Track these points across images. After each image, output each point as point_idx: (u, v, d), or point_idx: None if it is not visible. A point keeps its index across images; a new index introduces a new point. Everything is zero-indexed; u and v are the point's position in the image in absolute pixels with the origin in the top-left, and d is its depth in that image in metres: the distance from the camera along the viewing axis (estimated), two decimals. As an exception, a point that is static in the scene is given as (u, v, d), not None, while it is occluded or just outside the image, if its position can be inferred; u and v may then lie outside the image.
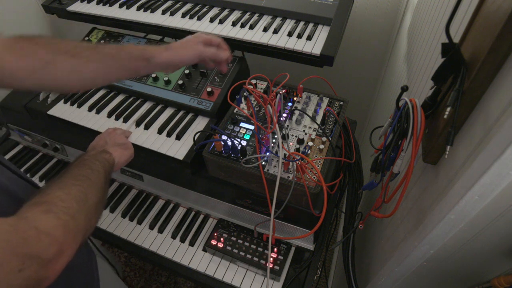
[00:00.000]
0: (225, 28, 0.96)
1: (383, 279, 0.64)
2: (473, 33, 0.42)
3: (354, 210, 0.89)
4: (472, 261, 0.50)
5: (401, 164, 0.53)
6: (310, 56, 0.88)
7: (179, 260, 0.91)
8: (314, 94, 0.89)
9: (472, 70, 0.39)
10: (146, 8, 1.06)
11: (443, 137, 0.44)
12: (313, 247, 0.88)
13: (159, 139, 0.87)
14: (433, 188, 0.49)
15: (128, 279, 1.70)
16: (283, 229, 0.87)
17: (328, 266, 1.67)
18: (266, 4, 1.02)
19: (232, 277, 0.87)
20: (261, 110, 0.85)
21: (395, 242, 0.63)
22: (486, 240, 0.44)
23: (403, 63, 0.99)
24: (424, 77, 0.69)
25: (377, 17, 1.27)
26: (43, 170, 1.11)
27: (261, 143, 0.74)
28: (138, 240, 0.95)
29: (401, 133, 0.51)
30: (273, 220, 0.70)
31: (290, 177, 0.71)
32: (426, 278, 0.58)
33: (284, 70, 0.87)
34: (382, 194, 0.60)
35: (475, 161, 0.36)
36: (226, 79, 0.93)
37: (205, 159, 0.78)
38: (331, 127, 0.81)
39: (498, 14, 0.34)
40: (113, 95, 1.00)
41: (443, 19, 0.64)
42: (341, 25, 0.92)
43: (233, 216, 0.95)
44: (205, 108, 0.89)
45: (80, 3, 1.14)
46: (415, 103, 0.48)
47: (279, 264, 0.85)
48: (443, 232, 0.44)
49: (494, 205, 0.37)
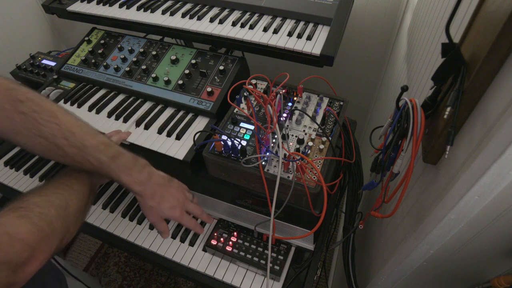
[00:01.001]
0: (225, 28, 0.96)
1: (383, 279, 0.64)
2: (473, 33, 0.42)
3: (354, 210, 0.89)
4: (472, 261, 0.50)
5: (401, 164, 0.53)
6: (310, 56, 0.88)
7: (179, 260, 0.91)
8: (314, 94, 0.89)
9: (472, 70, 0.39)
10: (146, 8, 1.06)
11: (443, 137, 0.44)
12: (313, 247, 0.88)
13: (159, 139, 0.87)
14: (433, 188, 0.49)
15: (128, 279, 1.70)
16: (283, 229, 0.87)
17: (328, 266, 1.67)
18: (266, 4, 1.02)
19: (232, 277, 0.87)
20: (261, 110, 0.85)
21: (395, 242, 0.63)
22: (486, 240, 0.44)
23: (403, 63, 0.99)
24: (424, 77, 0.69)
25: (377, 17, 1.27)
26: (43, 170, 1.11)
27: (261, 143, 0.74)
28: (138, 240, 0.95)
29: (401, 133, 0.51)
30: (273, 220, 0.70)
31: (290, 177, 0.71)
32: (426, 278, 0.58)
33: (284, 70, 0.87)
34: (382, 194, 0.60)
35: (475, 161, 0.36)
36: (226, 79, 0.93)
37: (205, 159, 0.78)
38: (331, 127, 0.81)
39: (498, 14, 0.34)
40: (113, 95, 1.00)
41: (443, 19, 0.64)
42: (341, 25, 0.92)
43: (233, 216, 0.95)
44: (205, 108, 0.89)
45: (80, 3, 1.13)
46: (415, 103, 0.48)
47: (279, 264, 0.85)
48: (443, 232, 0.44)
49: (494, 205, 0.37)
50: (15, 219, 0.45)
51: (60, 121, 0.56)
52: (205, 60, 0.98)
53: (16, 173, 1.09)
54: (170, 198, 0.67)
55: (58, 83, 1.07)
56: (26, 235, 0.44)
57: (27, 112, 0.54)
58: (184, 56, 1.01)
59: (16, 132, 0.55)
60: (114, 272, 1.73)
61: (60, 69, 1.07)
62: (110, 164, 0.59)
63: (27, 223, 0.45)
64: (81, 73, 1.04)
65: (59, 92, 1.03)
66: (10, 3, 1.48)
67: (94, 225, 0.98)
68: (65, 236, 0.52)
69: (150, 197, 0.64)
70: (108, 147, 0.59)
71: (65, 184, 0.57)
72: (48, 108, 0.56)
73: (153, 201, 0.64)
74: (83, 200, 0.58)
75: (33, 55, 1.30)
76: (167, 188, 0.67)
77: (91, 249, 1.83)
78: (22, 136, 0.55)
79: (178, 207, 0.67)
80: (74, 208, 0.54)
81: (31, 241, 0.44)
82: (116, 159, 0.60)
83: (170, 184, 0.69)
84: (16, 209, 0.47)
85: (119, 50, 1.06)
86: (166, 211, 0.66)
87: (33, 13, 1.60)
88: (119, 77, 1.00)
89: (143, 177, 0.63)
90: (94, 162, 0.58)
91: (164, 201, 0.66)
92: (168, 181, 0.69)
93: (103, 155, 0.58)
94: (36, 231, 0.45)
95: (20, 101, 0.55)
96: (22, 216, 0.46)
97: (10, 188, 1.06)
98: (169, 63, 1.00)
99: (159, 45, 1.05)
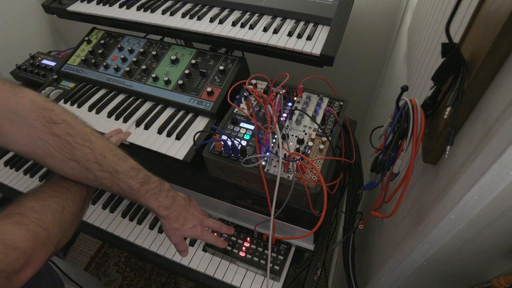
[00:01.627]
0: (225, 28, 0.96)
1: (383, 279, 0.64)
2: (473, 33, 0.42)
3: (354, 210, 0.89)
4: (472, 261, 0.50)
5: (401, 164, 0.53)
6: (310, 56, 0.88)
7: (179, 260, 0.91)
8: (314, 94, 0.89)
9: (472, 70, 0.39)
10: (146, 8, 1.06)
11: (443, 137, 0.44)
12: (313, 247, 0.88)
13: (159, 139, 0.87)
14: (433, 188, 0.49)
15: (128, 279, 1.70)
16: (283, 229, 0.87)
17: (328, 266, 1.67)
18: (266, 4, 1.02)
19: (232, 277, 0.87)
20: (261, 110, 0.85)
21: (395, 242, 0.62)
22: (486, 240, 0.44)
23: (403, 63, 0.99)
24: (424, 77, 0.69)
25: (377, 17, 1.27)
26: (43, 170, 1.11)
27: (261, 143, 0.74)
28: (138, 240, 0.95)
29: (401, 133, 0.51)
30: (273, 220, 0.70)
31: (290, 177, 0.71)
32: (426, 278, 0.58)
33: (284, 70, 0.87)
34: (382, 194, 0.60)
35: (475, 161, 0.36)
36: (226, 79, 0.93)
37: (205, 159, 0.78)
38: (331, 127, 0.81)
39: (498, 14, 0.34)
40: (113, 95, 1.00)
41: (443, 19, 0.64)
42: (341, 25, 0.92)
43: (233, 216, 0.95)
44: (205, 108, 0.89)
45: (80, 3, 1.13)
46: (415, 103, 0.48)
47: (279, 264, 0.85)
48: (443, 232, 0.44)
49: (494, 205, 0.37)
50: (11, 226, 0.44)
51: (93, 145, 0.56)
52: (205, 60, 0.98)
53: (16, 173, 1.09)
54: (191, 218, 0.68)
55: (58, 83, 1.07)
56: (22, 243, 0.44)
57: (61, 135, 0.53)
58: (184, 56, 1.01)
59: (47, 155, 0.53)
60: (114, 272, 1.73)
61: (60, 69, 1.07)
62: (139, 190, 0.59)
63: (23, 230, 0.45)
64: (81, 73, 1.04)
65: (59, 92, 1.03)
66: (10, 3, 1.48)
67: (94, 225, 0.98)
68: (60, 241, 0.51)
69: (175, 220, 0.65)
70: (137, 172, 0.60)
71: (63, 187, 0.56)
72: (82, 131, 0.56)
73: (177, 223, 0.65)
74: (80, 203, 0.58)
75: (33, 55, 1.30)
76: (189, 209, 0.69)
77: (91, 249, 1.83)
78: (54, 159, 0.54)
79: (198, 225, 0.69)
80: (70, 213, 0.54)
81: (27, 248, 0.44)
82: (145, 184, 0.60)
83: (190, 204, 0.70)
84: (12, 215, 0.46)
85: (119, 50, 1.06)
86: (188, 231, 0.68)
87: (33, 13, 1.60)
88: (119, 77, 1.00)
89: (169, 201, 0.64)
90: (123, 187, 0.58)
91: (186, 222, 0.67)
92: (188, 202, 0.70)
93: (133, 181, 0.58)
94: (32, 238, 0.45)
95: (55, 123, 0.53)
96: (18, 223, 0.45)
97: (10, 188, 1.06)
98: (169, 63, 1.00)
99: (159, 45, 1.05)
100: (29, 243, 0.44)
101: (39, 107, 0.53)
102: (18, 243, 0.43)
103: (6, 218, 0.45)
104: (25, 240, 0.44)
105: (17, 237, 0.44)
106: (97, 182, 0.57)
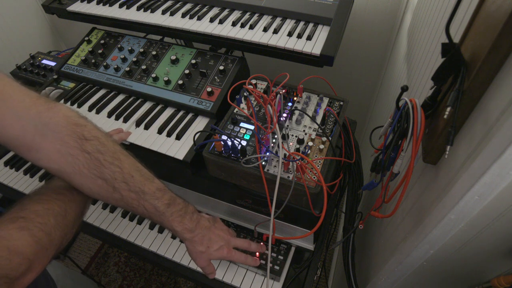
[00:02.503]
0: (225, 28, 0.96)
1: (383, 279, 0.64)
2: (473, 33, 0.42)
3: (354, 210, 0.89)
4: (472, 261, 0.50)
5: (401, 164, 0.53)
6: (310, 56, 0.88)
7: (179, 260, 0.91)
8: (314, 94, 0.89)
9: (472, 70, 0.39)
10: (146, 8, 1.06)
11: (443, 137, 0.44)
12: (313, 247, 0.88)
13: (159, 139, 0.87)
14: (433, 188, 0.49)
15: (128, 279, 1.70)
16: (283, 229, 0.87)
17: (328, 266, 1.67)
18: (266, 4, 1.02)
19: (232, 277, 0.87)
20: (261, 110, 0.85)
21: (395, 242, 0.62)
22: (486, 240, 0.44)
23: (403, 63, 0.99)
24: (424, 77, 0.69)
25: (377, 17, 1.27)
26: (43, 170, 1.11)
27: (261, 143, 0.74)
28: (138, 240, 0.95)
29: (401, 133, 0.51)
30: (273, 220, 0.70)
31: (290, 177, 0.71)
32: (426, 278, 0.58)
33: (284, 70, 0.87)
34: (382, 194, 0.60)
35: (475, 161, 0.36)
36: (226, 79, 0.93)
37: (205, 159, 0.78)
38: (331, 127, 0.81)
39: (498, 14, 0.34)
40: (113, 95, 1.00)
41: (443, 19, 0.64)
42: (341, 25, 0.92)
43: (233, 216, 0.95)
44: (205, 108, 0.89)
45: (80, 3, 1.13)
46: (415, 103, 0.48)
47: (279, 264, 0.85)
48: (443, 232, 0.44)
49: (494, 205, 0.37)
50: (15, 232, 0.44)
51: (122, 163, 0.55)
52: (205, 60, 0.98)
53: (16, 173, 1.09)
54: (217, 239, 0.67)
55: (58, 83, 1.07)
56: (25, 249, 0.44)
57: (92, 152, 0.52)
58: (184, 56, 1.01)
59: (76, 172, 0.52)
60: (114, 272, 1.73)
61: (60, 69, 1.07)
62: (165, 212, 0.58)
63: (27, 236, 0.45)
64: (81, 73, 1.04)
65: (59, 92, 1.03)
66: (10, 3, 1.48)
67: (94, 225, 0.98)
68: (62, 244, 0.51)
69: (200, 243, 0.64)
70: (163, 194, 0.59)
71: (65, 189, 0.56)
72: (112, 149, 0.55)
73: (202, 246, 0.64)
74: (81, 206, 0.58)
75: (33, 55, 1.30)
76: (213, 230, 0.67)
77: (91, 249, 1.83)
78: (82, 176, 0.53)
79: (225, 246, 0.68)
80: (72, 216, 0.54)
81: (30, 254, 0.44)
82: (171, 206, 0.59)
83: (215, 225, 0.69)
84: (16, 219, 0.46)
85: (119, 50, 1.06)
86: (214, 253, 0.66)
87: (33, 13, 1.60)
88: (119, 77, 1.00)
89: (193, 224, 0.63)
90: (149, 209, 0.57)
91: (212, 244, 0.66)
92: (213, 222, 0.69)
93: (159, 202, 0.58)
94: (35, 244, 0.45)
95: (86, 139, 0.52)
96: (22, 228, 0.45)
97: (10, 188, 1.06)
98: (169, 63, 1.00)
99: (159, 45, 1.05)
100: (32, 249, 0.45)
101: (72, 123, 0.52)
102: (21, 248, 0.43)
103: (10, 223, 0.45)
104: (28, 245, 0.44)
105: (20, 243, 0.44)
106: (122, 202, 0.56)
